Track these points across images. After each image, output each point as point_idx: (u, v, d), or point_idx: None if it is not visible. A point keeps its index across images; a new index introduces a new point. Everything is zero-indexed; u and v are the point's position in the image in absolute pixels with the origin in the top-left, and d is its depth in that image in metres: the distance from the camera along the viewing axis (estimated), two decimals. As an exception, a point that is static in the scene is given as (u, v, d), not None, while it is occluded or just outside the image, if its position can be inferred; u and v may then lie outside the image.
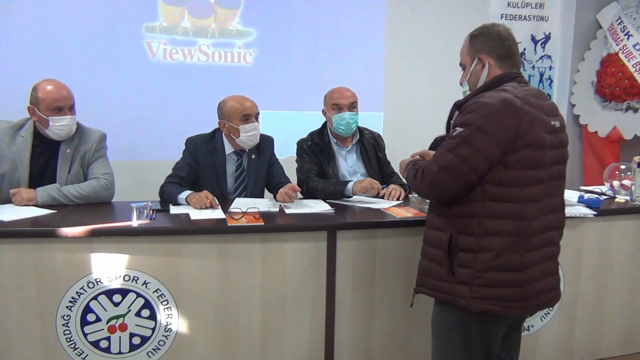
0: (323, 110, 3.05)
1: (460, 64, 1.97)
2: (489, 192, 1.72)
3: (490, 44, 1.85)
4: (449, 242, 1.77)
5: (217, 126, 2.85)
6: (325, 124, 3.08)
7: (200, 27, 4.06)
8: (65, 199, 2.52)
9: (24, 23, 3.72)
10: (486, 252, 1.73)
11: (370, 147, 3.10)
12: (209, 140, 2.87)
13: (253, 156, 2.91)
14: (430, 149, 3.15)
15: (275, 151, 3.06)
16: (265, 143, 2.98)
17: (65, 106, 2.55)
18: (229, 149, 2.86)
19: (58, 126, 2.55)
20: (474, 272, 1.74)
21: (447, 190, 1.75)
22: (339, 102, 2.94)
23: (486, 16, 4.51)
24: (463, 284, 1.76)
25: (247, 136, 2.77)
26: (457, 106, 1.85)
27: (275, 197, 2.74)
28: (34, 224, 2.22)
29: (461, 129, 1.71)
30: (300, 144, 3.06)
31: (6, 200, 2.54)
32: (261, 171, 2.94)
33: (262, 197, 2.96)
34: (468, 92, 1.92)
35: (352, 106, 2.95)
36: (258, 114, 2.83)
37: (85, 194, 2.57)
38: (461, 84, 1.99)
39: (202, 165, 2.83)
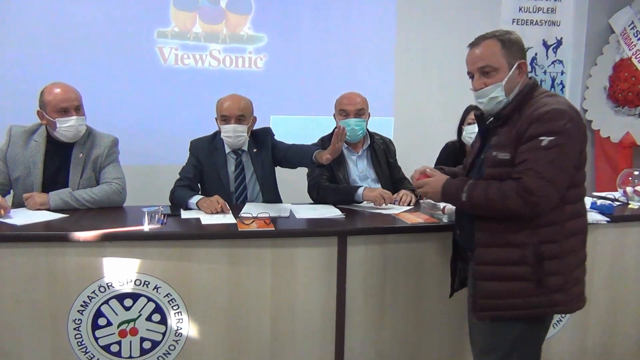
0: (334, 115, 3.05)
1: (486, 67, 1.85)
2: (565, 196, 1.77)
3: (522, 52, 1.87)
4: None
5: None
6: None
7: (212, 32, 4.08)
8: (77, 203, 2.53)
9: (36, 28, 3.76)
10: (570, 254, 1.80)
11: (381, 152, 3.09)
12: (211, 141, 2.92)
13: (255, 150, 2.92)
14: (441, 154, 3.16)
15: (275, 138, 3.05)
16: (263, 136, 2.98)
17: (70, 107, 2.56)
18: (228, 148, 2.90)
19: (65, 127, 2.57)
20: (566, 276, 1.78)
21: (550, 204, 1.74)
22: (346, 108, 2.94)
23: (497, 21, 4.49)
24: (558, 292, 1.78)
25: (224, 136, 2.82)
26: (504, 117, 1.84)
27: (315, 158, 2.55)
28: (47, 228, 2.23)
29: (551, 138, 1.69)
30: (311, 149, 3.05)
31: (19, 204, 2.56)
32: (267, 163, 2.94)
33: (274, 189, 2.98)
34: (501, 98, 1.85)
35: (359, 113, 2.94)
36: (241, 116, 2.79)
37: (97, 198, 2.58)
38: (479, 89, 1.88)
39: (205, 165, 2.87)
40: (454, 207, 2.40)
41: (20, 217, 2.31)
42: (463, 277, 2.17)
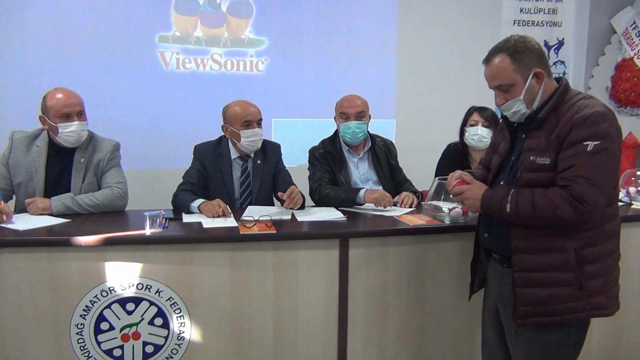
0: (335, 118, 3.05)
1: (501, 86, 1.83)
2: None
3: (537, 56, 1.81)
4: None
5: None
6: (337, 132, 3.08)
7: (213, 36, 4.10)
8: (79, 207, 2.54)
9: (38, 33, 3.78)
10: (610, 256, 1.80)
11: (382, 154, 3.09)
12: (215, 146, 2.91)
13: (258, 161, 2.92)
14: (443, 155, 3.14)
15: (287, 159, 3.06)
16: (271, 149, 2.99)
17: (72, 112, 2.57)
18: (234, 154, 2.89)
19: (67, 132, 2.57)
20: (606, 279, 1.78)
21: (599, 210, 1.72)
22: (347, 111, 2.94)
23: (499, 22, 4.49)
24: (599, 295, 1.77)
25: (248, 141, 2.80)
26: (540, 121, 1.79)
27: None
28: (49, 233, 2.24)
29: (596, 142, 1.66)
30: (312, 151, 3.06)
31: (22, 209, 2.57)
32: (266, 177, 2.95)
33: (269, 202, 2.96)
34: (523, 111, 1.82)
35: (360, 115, 2.94)
36: (260, 119, 2.85)
37: (99, 202, 2.59)
38: (500, 105, 1.86)
39: (209, 170, 2.86)
40: (461, 212, 2.40)
41: (23, 222, 2.32)
42: (481, 278, 2.14)
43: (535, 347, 1.86)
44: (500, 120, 2.05)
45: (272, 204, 2.98)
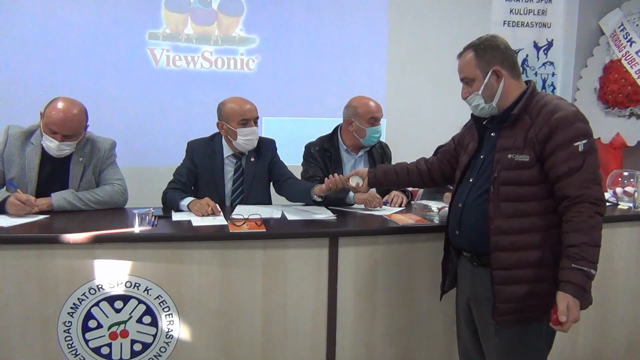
0: (348, 120, 2.96)
1: (465, 78, 1.93)
2: None
3: (500, 55, 1.87)
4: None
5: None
6: (336, 130, 3.06)
7: (204, 33, 4.08)
8: (81, 203, 2.52)
9: (28, 30, 3.75)
10: None
11: (378, 156, 3.08)
12: (208, 143, 2.88)
13: (252, 159, 2.90)
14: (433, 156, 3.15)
15: (277, 153, 3.05)
16: (265, 146, 2.96)
17: (59, 132, 2.51)
18: (227, 151, 2.87)
19: (47, 145, 2.54)
20: None
21: None
22: (377, 115, 2.93)
23: (488, 23, 4.52)
24: None
25: (245, 140, 2.77)
26: (513, 119, 1.82)
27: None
28: (36, 230, 2.22)
29: (584, 142, 1.72)
30: (308, 147, 3.04)
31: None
32: (261, 174, 2.91)
33: (263, 200, 2.93)
34: (482, 106, 1.89)
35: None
36: (257, 117, 2.82)
37: (102, 199, 2.58)
38: (465, 98, 1.94)
39: (200, 168, 2.84)
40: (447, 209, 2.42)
41: (7, 219, 2.30)
42: (452, 277, 2.16)
43: (508, 344, 1.88)
44: (470, 119, 2.08)
45: (268, 200, 2.97)
